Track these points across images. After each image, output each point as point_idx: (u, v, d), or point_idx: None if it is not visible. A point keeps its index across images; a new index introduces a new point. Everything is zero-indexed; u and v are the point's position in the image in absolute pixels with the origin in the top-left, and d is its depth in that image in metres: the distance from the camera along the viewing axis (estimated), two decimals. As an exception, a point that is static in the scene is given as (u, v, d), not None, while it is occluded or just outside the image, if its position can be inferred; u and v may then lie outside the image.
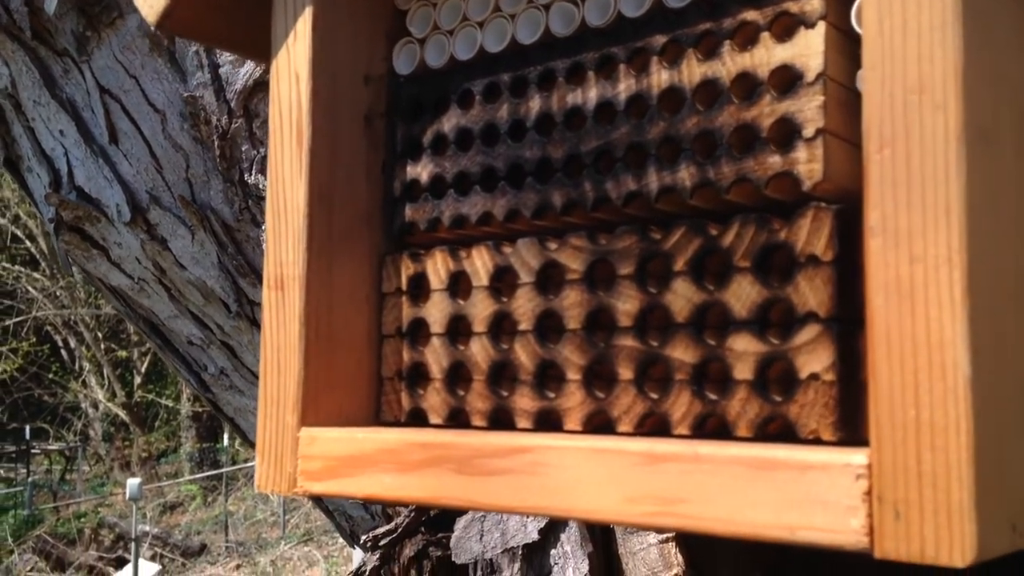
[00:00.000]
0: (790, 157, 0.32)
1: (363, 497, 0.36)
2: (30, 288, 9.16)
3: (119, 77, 0.92)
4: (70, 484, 8.88)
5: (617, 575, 0.64)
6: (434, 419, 0.40)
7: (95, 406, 9.78)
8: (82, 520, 7.34)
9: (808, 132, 0.31)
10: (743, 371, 0.32)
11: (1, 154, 1.05)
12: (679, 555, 0.59)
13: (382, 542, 0.86)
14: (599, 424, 0.35)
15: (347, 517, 1.08)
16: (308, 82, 0.40)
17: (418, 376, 0.41)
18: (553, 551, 0.71)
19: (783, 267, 0.32)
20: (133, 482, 5.96)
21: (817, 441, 0.30)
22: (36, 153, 1.00)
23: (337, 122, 0.41)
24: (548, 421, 0.37)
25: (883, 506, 0.26)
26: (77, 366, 9.73)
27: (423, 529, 0.87)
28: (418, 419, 0.41)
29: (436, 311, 0.40)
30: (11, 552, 6.59)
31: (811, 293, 0.31)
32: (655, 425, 0.34)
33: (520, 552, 0.73)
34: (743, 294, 0.32)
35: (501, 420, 0.38)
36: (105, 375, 9.63)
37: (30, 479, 8.29)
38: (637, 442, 0.31)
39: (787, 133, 0.32)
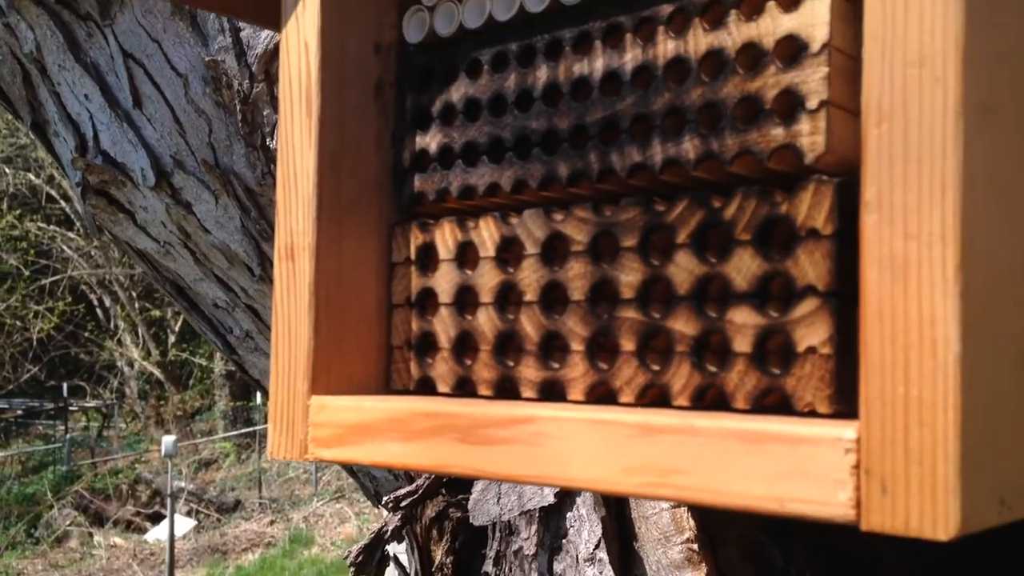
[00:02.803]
0: (793, 129, 0.32)
1: (370, 463, 0.37)
2: (65, 248, 9.27)
3: (142, 41, 0.93)
4: (107, 441, 9.04)
5: (630, 538, 0.64)
6: (442, 388, 0.40)
7: (130, 364, 9.92)
8: (119, 476, 7.47)
9: (811, 104, 0.31)
10: (742, 344, 0.32)
11: (28, 118, 1.06)
12: (691, 519, 0.59)
13: (403, 503, 0.87)
14: (602, 395, 0.36)
15: (371, 477, 1.09)
16: (317, 51, 0.40)
17: (427, 345, 0.41)
18: (569, 514, 0.72)
19: (784, 240, 0.32)
20: (168, 439, 6.06)
21: (813, 414, 0.30)
22: (62, 117, 1.01)
23: (346, 91, 0.41)
24: (552, 391, 0.37)
25: (871, 480, 0.26)
26: (112, 325, 9.86)
27: (443, 491, 0.88)
28: (427, 387, 0.41)
29: (444, 281, 0.41)
30: (51, 507, 6.73)
31: (810, 267, 0.31)
32: (656, 396, 0.34)
33: (537, 515, 0.74)
34: (744, 267, 0.33)
35: (507, 389, 0.38)
36: (140, 334, 9.75)
37: (68, 436, 8.44)
38: (634, 414, 0.32)
39: (791, 105, 0.32)
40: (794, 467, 0.28)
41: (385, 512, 0.89)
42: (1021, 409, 0.29)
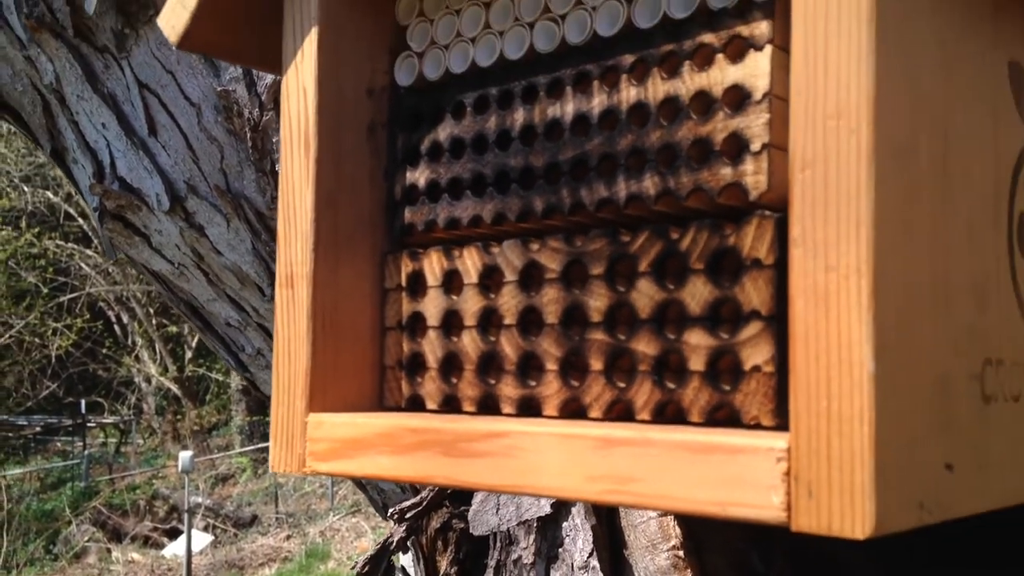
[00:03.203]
0: (739, 169, 0.35)
1: (362, 476, 0.40)
2: (83, 265, 9.36)
3: (157, 72, 0.97)
4: (125, 457, 9.10)
5: (620, 546, 0.67)
6: (430, 405, 0.44)
7: (148, 380, 10.00)
8: (136, 492, 7.53)
9: (755, 147, 0.35)
10: (697, 363, 0.36)
11: (48, 145, 1.10)
12: (677, 527, 0.63)
13: (408, 515, 0.91)
14: (573, 410, 0.39)
15: (379, 490, 1.13)
16: (315, 97, 0.44)
17: (416, 365, 0.45)
18: (565, 524, 0.75)
19: (732, 269, 0.35)
20: (185, 455, 6.11)
21: (758, 426, 0.34)
22: (80, 145, 1.05)
23: (342, 132, 0.45)
24: (529, 407, 0.40)
25: (799, 485, 0.29)
26: (130, 341, 9.94)
27: (447, 503, 0.91)
28: (417, 404, 0.44)
29: (432, 306, 0.44)
30: (69, 523, 6.79)
31: (755, 293, 0.34)
32: (621, 411, 0.38)
33: (535, 524, 0.77)
34: (697, 293, 0.36)
35: (488, 406, 0.42)
36: (157, 350, 9.83)
37: (86, 452, 8.51)
38: (597, 428, 0.35)
39: (737, 147, 0.35)
40: (734, 475, 0.31)
41: (391, 523, 0.93)
42: (945, 424, 0.32)
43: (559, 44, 0.41)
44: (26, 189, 9.22)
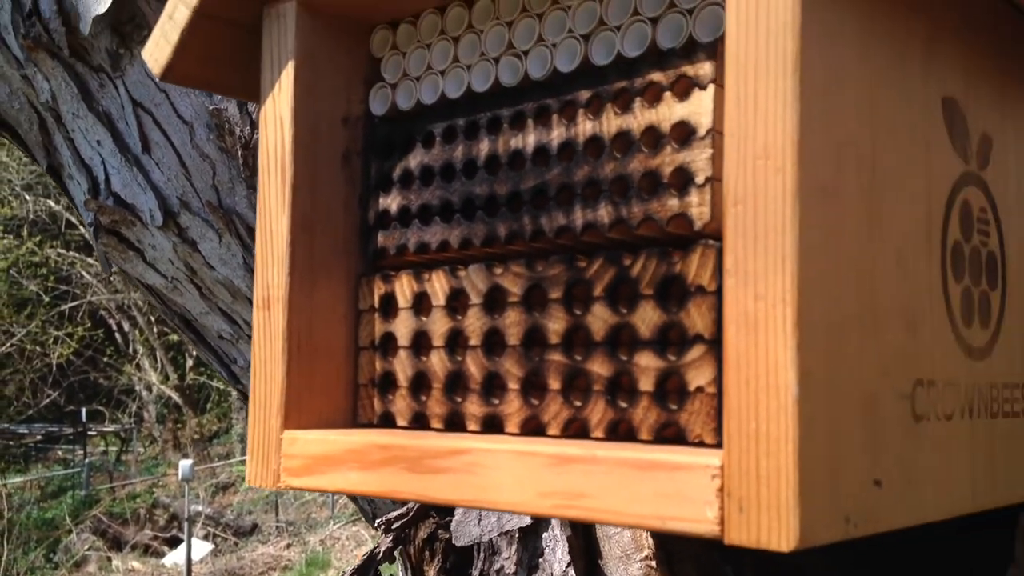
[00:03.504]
0: (685, 200, 0.37)
1: (333, 490, 0.42)
2: (84, 273, 9.38)
3: (150, 91, 0.99)
4: (125, 465, 9.12)
5: (596, 556, 0.69)
6: (400, 422, 0.46)
7: (149, 388, 10.02)
8: (137, 500, 7.54)
9: (699, 180, 0.37)
10: (646, 383, 0.38)
11: (44, 162, 1.12)
12: (649, 538, 0.64)
13: (395, 525, 0.93)
14: (533, 428, 0.41)
15: (369, 501, 1.15)
16: (291, 127, 0.46)
17: (388, 383, 0.47)
18: (545, 534, 0.77)
19: (679, 295, 0.37)
20: (185, 463, 6.12)
21: (701, 444, 0.36)
22: (76, 162, 1.07)
23: (317, 160, 0.47)
24: (493, 424, 0.42)
25: (731, 501, 0.31)
26: (131, 349, 9.96)
27: (433, 513, 0.93)
28: (388, 421, 0.47)
29: (403, 327, 0.46)
30: (69, 531, 6.80)
31: (699, 318, 0.36)
32: (578, 429, 0.40)
33: (516, 535, 0.79)
34: (647, 317, 0.38)
35: (455, 423, 0.44)
36: (158, 358, 9.85)
37: (87, 460, 8.52)
38: (551, 445, 0.37)
39: (683, 179, 0.37)
40: (673, 490, 0.33)
41: (378, 533, 0.94)
42: (873, 442, 0.34)
43: (522, 78, 0.43)
44: (28, 197, 9.25)
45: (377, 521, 0.92)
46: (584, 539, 0.70)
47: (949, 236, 0.40)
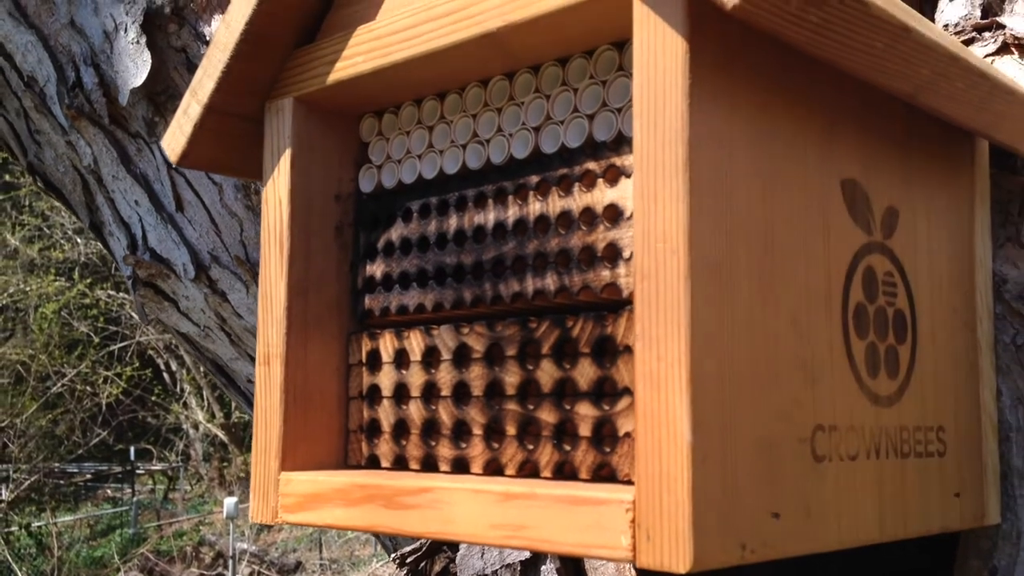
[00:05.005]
0: (615, 272, 0.43)
1: (322, 525, 0.49)
2: (133, 314, 9.57)
3: (183, 155, 1.07)
4: (172, 503, 9.24)
5: (585, 586, 0.75)
6: (384, 463, 0.52)
7: (195, 427, 10.16)
8: (183, 538, 7.65)
9: (626, 254, 0.43)
10: (585, 430, 0.44)
11: (87, 220, 1.21)
12: (631, 570, 0.70)
13: (409, 559, 0.98)
14: (494, 469, 0.47)
15: (390, 537, 1.21)
16: (288, 206, 0.53)
17: (374, 429, 0.53)
18: (544, 567, 0.83)
19: (611, 352, 0.43)
20: (230, 501, 6.21)
21: (629, 482, 0.42)
22: (116, 220, 1.16)
23: (311, 233, 0.54)
24: (462, 466, 0.49)
25: (641, 531, 0.37)
26: (178, 388, 10.13)
27: (445, 547, 0.99)
28: (374, 463, 0.53)
29: (386, 379, 0.53)
30: (117, 569, 6.91)
31: (627, 373, 0.42)
32: (530, 470, 0.46)
33: (517, 567, 0.85)
34: (585, 372, 0.44)
35: (430, 464, 0.50)
36: (204, 397, 10.00)
37: (135, 499, 8.66)
38: (499, 484, 0.43)
39: (614, 254, 0.44)
40: (596, 522, 0.39)
41: (394, 567, 1.00)
42: (771, 479, 0.40)
43: (485, 163, 0.50)
44: (79, 240, 9.48)
45: (392, 556, 0.98)
46: (575, 571, 0.76)
47: (851, 299, 0.45)
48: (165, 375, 10.17)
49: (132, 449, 9.66)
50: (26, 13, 1.12)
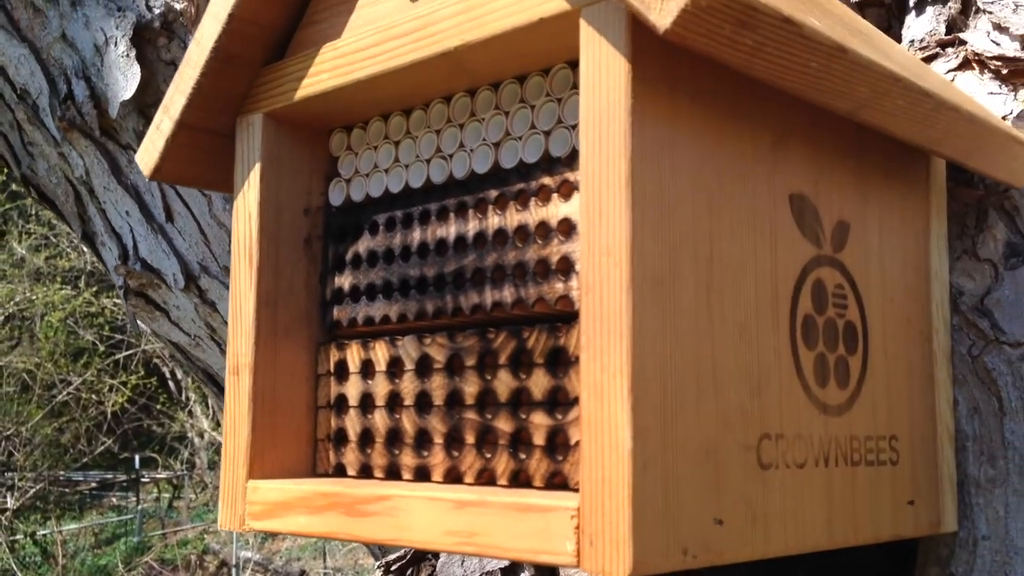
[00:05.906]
0: (568, 284, 0.44)
1: (287, 532, 0.50)
2: (139, 322, 9.58)
3: (173, 167, 1.09)
4: (176, 512, 9.25)
5: (560, 593, 0.75)
6: (351, 472, 0.53)
7: (200, 435, 10.18)
8: (188, 547, 7.65)
9: (579, 267, 0.44)
10: (539, 439, 0.45)
11: (79, 230, 1.22)
12: None
13: (394, 567, 0.99)
14: (454, 477, 0.48)
15: (378, 545, 1.22)
16: (257, 219, 0.54)
17: (341, 438, 0.54)
18: (524, 574, 0.84)
19: (564, 363, 0.44)
20: (234, 509, 6.20)
21: (578, 490, 0.43)
22: (107, 230, 1.17)
23: (280, 245, 0.55)
24: (423, 474, 0.50)
25: (584, 536, 0.38)
26: (183, 396, 10.15)
27: (429, 555, 1.00)
28: (341, 471, 0.54)
29: (353, 389, 0.54)
30: (121, 577, 6.91)
31: (578, 383, 0.43)
32: (488, 478, 0.47)
33: (497, 575, 0.85)
34: (540, 382, 0.45)
35: (394, 473, 0.51)
36: (210, 405, 10.01)
37: (140, 507, 8.67)
38: (453, 492, 0.44)
39: (567, 267, 0.45)
40: (542, 528, 0.40)
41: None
42: (715, 486, 0.41)
43: (448, 177, 0.51)
44: (85, 249, 9.50)
45: (377, 563, 0.99)
46: (551, 577, 0.77)
47: (799, 310, 0.46)
48: (170, 383, 10.18)
49: (137, 457, 9.67)
50: (19, 27, 1.13)
